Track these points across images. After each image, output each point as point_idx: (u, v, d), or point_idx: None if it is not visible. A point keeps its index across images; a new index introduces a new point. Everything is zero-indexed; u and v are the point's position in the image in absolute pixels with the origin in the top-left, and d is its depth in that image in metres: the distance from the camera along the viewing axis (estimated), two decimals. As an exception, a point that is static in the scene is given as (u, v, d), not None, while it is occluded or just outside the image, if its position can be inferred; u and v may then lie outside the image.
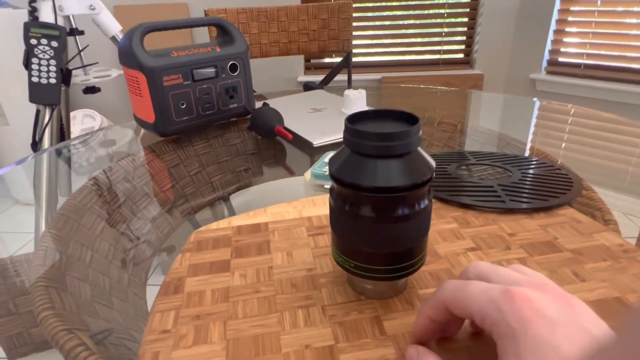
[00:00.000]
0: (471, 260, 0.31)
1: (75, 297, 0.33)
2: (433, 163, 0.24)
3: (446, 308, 0.21)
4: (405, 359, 0.22)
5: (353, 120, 0.25)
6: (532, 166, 0.46)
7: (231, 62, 0.66)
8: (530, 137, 0.64)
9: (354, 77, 2.32)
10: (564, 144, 0.61)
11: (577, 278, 0.29)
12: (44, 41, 0.91)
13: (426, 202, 0.24)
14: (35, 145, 0.98)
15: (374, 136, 0.22)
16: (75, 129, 1.88)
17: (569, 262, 0.31)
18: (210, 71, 0.64)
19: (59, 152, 0.67)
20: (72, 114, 1.80)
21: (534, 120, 0.73)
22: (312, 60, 2.42)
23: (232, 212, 0.50)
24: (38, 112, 0.99)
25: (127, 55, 0.60)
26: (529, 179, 0.43)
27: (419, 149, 0.24)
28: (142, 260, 0.41)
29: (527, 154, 0.55)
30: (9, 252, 0.42)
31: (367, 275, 0.26)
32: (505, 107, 0.82)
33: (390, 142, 0.22)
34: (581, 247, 0.33)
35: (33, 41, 0.91)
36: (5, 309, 0.38)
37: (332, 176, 0.25)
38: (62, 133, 1.06)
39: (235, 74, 0.67)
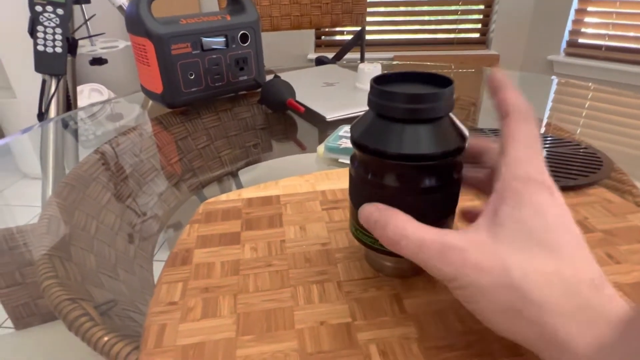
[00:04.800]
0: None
1: (80, 267, 0.32)
2: (466, 131, 0.22)
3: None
4: (362, 218, 0.22)
5: (380, 81, 0.23)
6: (558, 144, 0.44)
7: (242, 32, 0.64)
8: (547, 113, 0.61)
9: (366, 55, 2.26)
10: (581, 121, 0.58)
11: (612, 260, 0.27)
12: (49, 8, 0.89)
13: (457, 174, 0.22)
14: (42, 115, 0.97)
15: (403, 97, 0.20)
16: (82, 104, 1.87)
17: (601, 243, 0.29)
18: (220, 40, 0.62)
19: (65, 123, 0.65)
20: (79, 88, 1.79)
21: (551, 96, 0.70)
22: (323, 37, 2.37)
23: (240, 188, 0.48)
24: (44, 82, 0.97)
25: (134, 22, 0.57)
26: (556, 157, 0.41)
27: (451, 114, 0.22)
28: (149, 233, 0.40)
29: (542, 131, 0.53)
30: (16, 224, 0.41)
31: (389, 251, 0.24)
32: (522, 85, 0.79)
33: (420, 104, 0.20)
34: (613, 227, 0.30)
35: (38, 8, 0.88)
36: (12, 279, 0.37)
37: (354, 142, 0.23)
38: (69, 104, 1.04)
39: (246, 44, 0.65)
